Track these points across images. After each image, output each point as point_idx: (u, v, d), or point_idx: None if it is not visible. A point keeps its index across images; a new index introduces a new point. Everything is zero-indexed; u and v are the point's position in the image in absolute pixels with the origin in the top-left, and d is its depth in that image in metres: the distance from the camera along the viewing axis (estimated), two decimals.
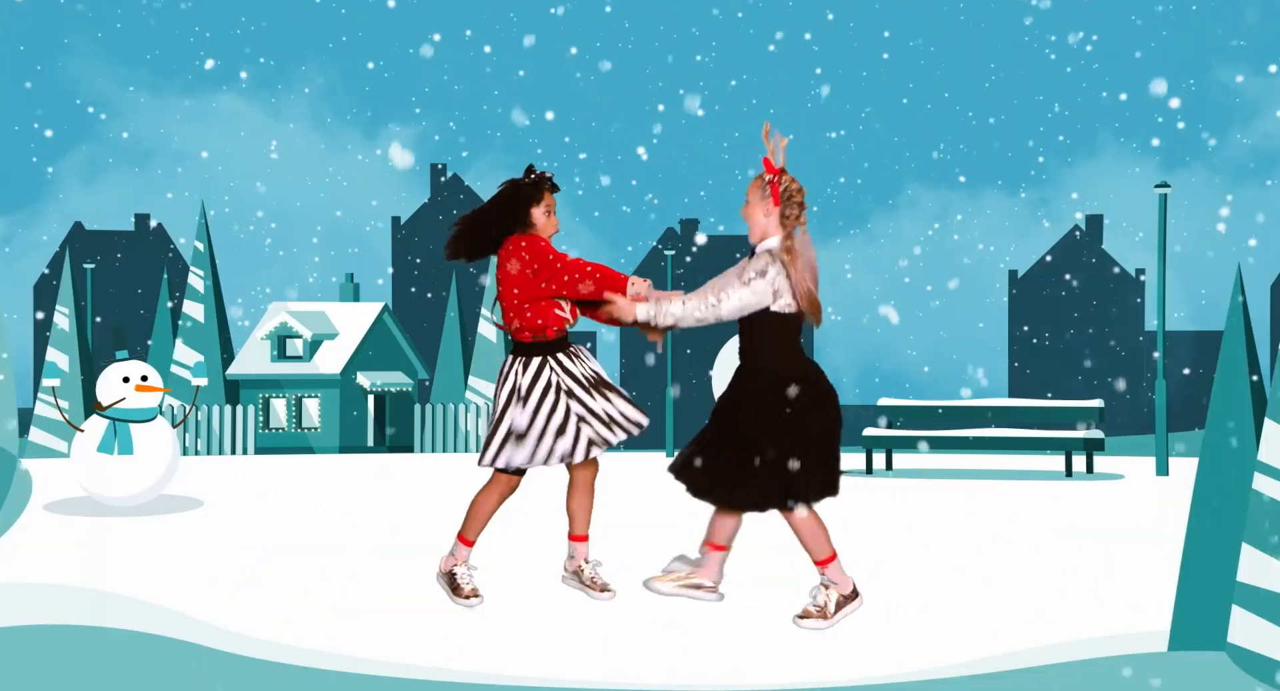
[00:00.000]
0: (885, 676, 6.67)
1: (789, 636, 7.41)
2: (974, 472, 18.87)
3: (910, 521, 13.02)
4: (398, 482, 18.16)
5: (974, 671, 6.78)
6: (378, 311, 32.52)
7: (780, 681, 6.59)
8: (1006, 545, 11.26)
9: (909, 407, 19.25)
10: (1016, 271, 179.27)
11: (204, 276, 31.53)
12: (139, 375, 13.50)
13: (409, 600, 8.58)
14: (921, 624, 7.87)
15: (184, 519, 13.04)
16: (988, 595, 8.81)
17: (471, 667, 6.80)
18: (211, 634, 7.59)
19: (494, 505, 7.77)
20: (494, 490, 7.74)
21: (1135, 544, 11.33)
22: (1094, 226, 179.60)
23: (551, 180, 7.70)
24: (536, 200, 7.63)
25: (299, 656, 7.06)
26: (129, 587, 9.01)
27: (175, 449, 13.69)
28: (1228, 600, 6.72)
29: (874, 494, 15.94)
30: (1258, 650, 6.46)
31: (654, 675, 6.67)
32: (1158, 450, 20.04)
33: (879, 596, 8.74)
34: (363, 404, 31.94)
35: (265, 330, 31.89)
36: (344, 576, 9.58)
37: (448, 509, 14.41)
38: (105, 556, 10.53)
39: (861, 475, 18.81)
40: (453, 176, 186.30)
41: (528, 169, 7.70)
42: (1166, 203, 21.30)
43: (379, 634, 7.59)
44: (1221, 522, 6.85)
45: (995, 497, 15.32)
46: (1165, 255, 21.22)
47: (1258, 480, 6.53)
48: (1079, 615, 8.10)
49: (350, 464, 22.51)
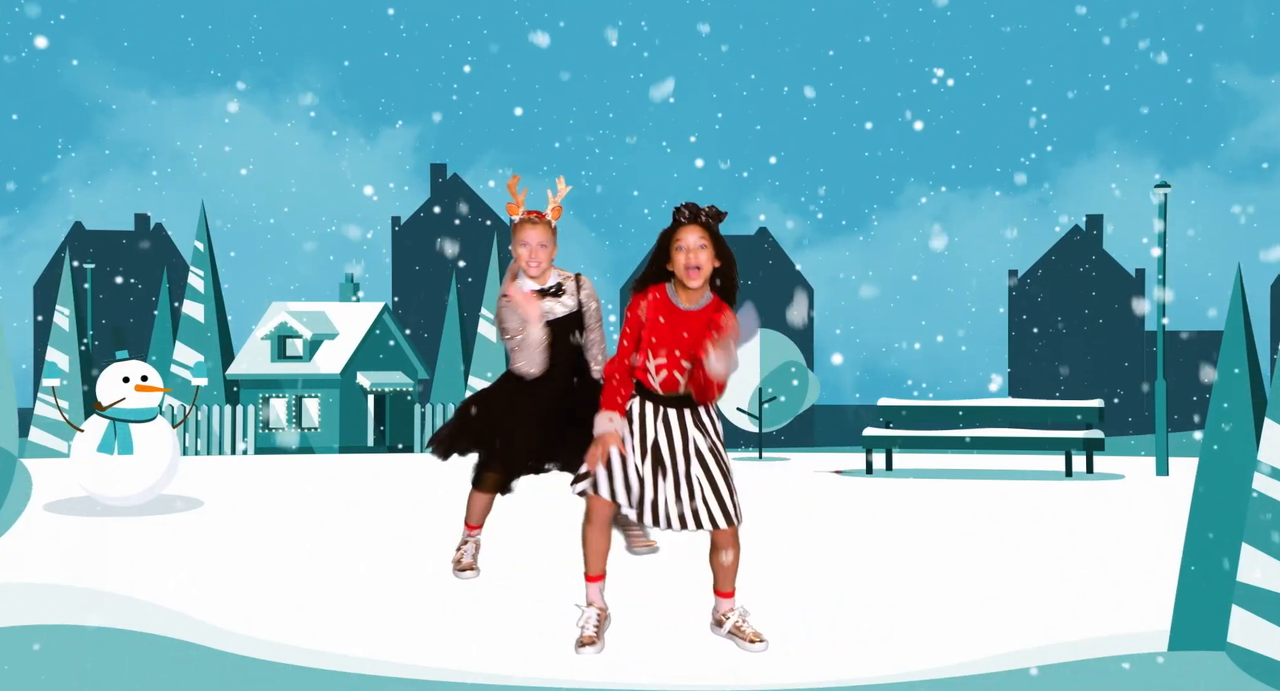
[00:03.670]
0: (885, 676, 6.67)
1: (789, 636, 7.41)
2: (974, 472, 18.87)
3: (910, 521, 13.03)
4: (397, 483, 18.16)
5: (974, 671, 6.78)
6: (378, 311, 32.53)
7: (780, 681, 6.59)
8: (1006, 545, 11.25)
9: (909, 407, 19.26)
10: (1016, 271, 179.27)
11: (204, 276, 31.53)
12: (139, 375, 13.50)
13: (409, 600, 8.58)
14: (921, 624, 7.87)
15: (184, 519, 13.04)
16: (987, 595, 8.81)
17: (472, 667, 6.80)
18: (211, 634, 7.59)
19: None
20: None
21: (1135, 544, 11.33)
22: (1094, 226, 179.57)
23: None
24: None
25: (298, 656, 7.06)
26: (129, 587, 9.01)
27: (175, 449, 13.69)
28: (1228, 600, 6.72)
29: (874, 494, 15.94)
30: (1258, 650, 6.46)
31: (654, 675, 6.68)
32: (1158, 450, 20.04)
33: (879, 596, 8.75)
34: (363, 404, 31.95)
35: (265, 330, 31.89)
36: (343, 576, 9.58)
37: (447, 509, 14.41)
38: (105, 556, 10.53)
39: (861, 475, 18.82)
40: (452, 176, 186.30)
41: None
42: (1167, 202, 21.30)
43: (379, 634, 7.59)
44: (1221, 522, 6.85)
45: (995, 497, 15.32)
46: (1165, 255, 21.22)
47: (1258, 480, 6.53)
48: (1079, 615, 8.10)
49: (350, 464, 22.51)
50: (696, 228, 6.93)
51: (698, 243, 6.91)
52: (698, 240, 6.91)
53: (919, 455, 22.27)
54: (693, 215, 6.95)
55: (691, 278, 6.90)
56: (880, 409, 19.35)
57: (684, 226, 6.94)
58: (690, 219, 6.94)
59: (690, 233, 6.92)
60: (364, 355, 32.06)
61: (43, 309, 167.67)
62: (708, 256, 6.92)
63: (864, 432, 19.30)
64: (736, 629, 7.20)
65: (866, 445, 19.14)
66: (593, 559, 7.18)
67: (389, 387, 32.13)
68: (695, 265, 6.89)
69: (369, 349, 32.18)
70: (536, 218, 7.81)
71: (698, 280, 6.91)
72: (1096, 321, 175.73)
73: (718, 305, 7.00)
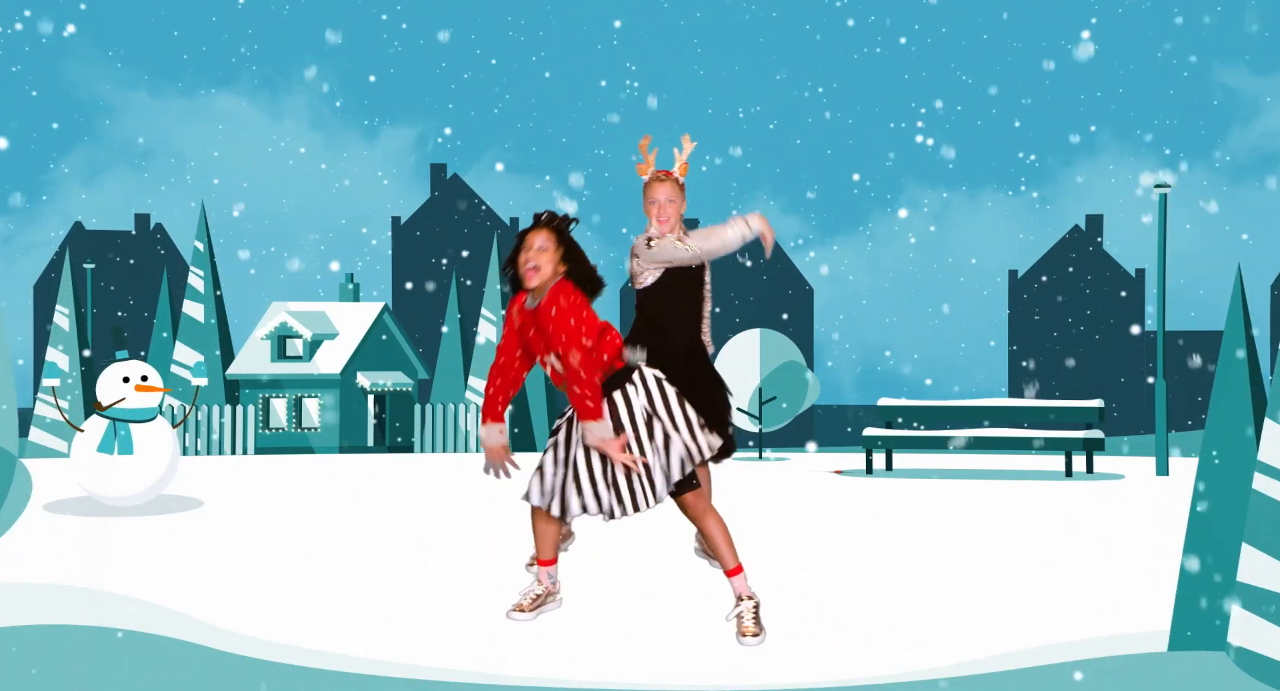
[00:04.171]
0: (885, 676, 6.67)
1: (789, 636, 7.41)
2: (974, 472, 18.87)
3: (910, 521, 13.02)
4: (397, 483, 18.16)
5: (974, 671, 6.78)
6: (378, 311, 32.50)
7: (780, 681, 6.59)
8: (1006, 545, 11.25)
9: (909, 407, 19.25)
10: (1016, 271, 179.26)
11: (204, 276, 31.51)
12: (139, 375, 13.49)
13: (409, 600, 8.59)
14: (921, 624, 7.87)
15: (184, 519, 13.04)
16: (987, 595, 8.80)
17: (472, 667, 6.80)
18: (211, 634, 7.59)
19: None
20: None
21: (1135, 544, 11.33)
22: (1094, 226, 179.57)
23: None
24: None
25: (298, 656, 7.06)
26: (129, 587, 9.01)
27: (175, 449, 13.69)
28: (1228, 600, 6.72)
29: (874, 494, 15.94)
30: (1258, 650, 6.46)
31: (654, 675, 6.68)
32: (1158, 450, 20.03)
33: (879, 596, 8.75)
34: (363, 404, 31.94)
35: (265, 330, 31.87)
36: (344, 576, 9.58)
37: (447, 509, 14.42)
38: (105, 556, 10.53)
39: (861, 475, 18.82)
40: (453, 176, 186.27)
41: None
42: (1166, 202, 21.30)
43: (379, 634, 7.59)
44: (1221, 523, 6.85)
45: (995, 498, 15.32)
46: (1165, 255, 21.22)
47: (1258, 480, 6.53)
48: (1079, 615, 8.10)
49: (350, 464, 22.51)
50: (542, 231, 7.27)
51: (540, 245, 7.23)
52: (541, 243, 7.23)
53: (919, 455, 22.26)
54: (543, 219, 7.31)
55: (529, 278, 7.23)
56: (880, 409, 19.34)
57: (530, 230, 7.31)
58: (543, 222, 7.30)
59: (536, 236, 7.25)
60: (364, 355, 32.04)
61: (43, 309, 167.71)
62: (548, 258, 7.21)
63: (864, 432, 19.30)
64: (738, 620, 7.33)
65: (866, 445, 19.13)
66: (542, 545, 7.51)
67: (389, 388, 32.12)
68: (534, 265, 7.21)
69: (369, 349, 32.16)
70: (664, 175, 7.86)
71: (534, 280, 7.21)
72: (1096, 321, 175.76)
73: (550, 297, 7.19)
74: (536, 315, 7.22)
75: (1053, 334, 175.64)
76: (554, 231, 7.25)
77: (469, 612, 8.08)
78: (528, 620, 7.59)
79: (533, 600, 7.63)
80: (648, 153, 7.92)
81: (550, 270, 7.22)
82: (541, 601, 7.65)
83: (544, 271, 7.20)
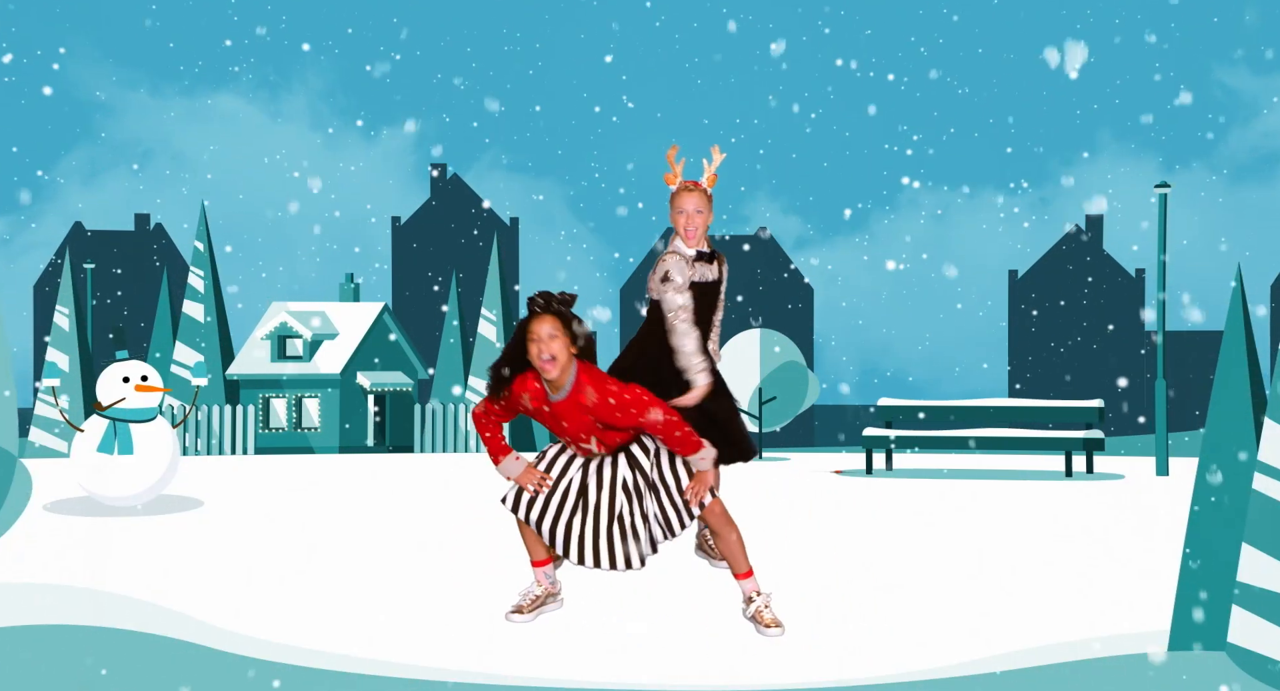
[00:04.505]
0: (885, 676, 6.67)
1: (789, 636, 7.42)
2: (974, 472, 18.86)
3: (910, 521, 13.03)
4: (397, 483, 18.16)
5: (974, 671, 6.78)
6: (378, 311, 32.51)
7: (780, 681, 6.59)
8: (1006, 545, 11.25)
9: (909, 407, 19.25)
10: (1016, 271, 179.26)
11: (204, 276, 31.51)
12: (139, 375, 13.49)
13: (409, 600, 8.59)
14: (922, 624, 7.87)
15: (184, 519, 13.04)
16: (988, 595, 8.80)
17: (472, 667, 6.80)
18: (211, 634, 7.59)
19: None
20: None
21: (1135, 544, 11.33)
22: (1094, 226, 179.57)
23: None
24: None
25: (298, 656, 7.06)
26: (129, 587, 9.01)
27: (175, 449, 13.69)
28: (1228, 600, 6.72)
29: (874, 494, 15.94)
30: (1258, 650, 6.46)
31: (654, 675, 6.68)
32: (1158, 450, 20.04)
33: (879, 596, 8.74)
34: (363, 404, 31.94)
35: (265, 330, 31.88)
36: (343, 576, 9.58)
37: (447, 509, 14.41)
38: (105, 556, 10.53)
39: (861, 475, 18.82)
40: (452, 176, 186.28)
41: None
42: (1166, 202, 21.30)
43: (379, 634, 7.59)
44: (1221, 522, 6.85)
45: (995, 497, 15.32)
46: (1165, 255, 21.22)
47: (1258, 480, 6.53)
48: (1079, 615, 8.10)
49: (350, 464, 22.51)
50: (546, 319, 7.03)
51: (549, 333, 7.00)
52: (549, 330, 7.00)
53: (919, 455, 22.26)
54: (544, 305, 7.05)
55: (547, 370, 7.01)
56: (880, 409, 19.34)
57: (533, 319, 7.05)
58: (543, 308, 7.05)
59: (541, 325, 7.02)
60: (364, 355, 32.04)
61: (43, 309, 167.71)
62: (560, 346, 7.02)
63: (864, 433, 19.29)
64: (757, 614, 7.42)
65: (866, 445, 19.13)
66: (532, 546, 7.56)
67: (389, 388, 32.12)
68: (549, 357, 7.00)
69: (369, 349, 32.17)
70: (693, 186, 7.83)
71: (553, 371, 7.01)
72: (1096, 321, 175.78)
73: (579, 386, 7.07)
74: (582, 408, 7.08)
75: (1052, 334, 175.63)
76: (558, 317, 7.05)
77: (469, 612, 8.08)
78: (527, 622, 7.62)
79: (532, 601, 7.65)
80: (675, 163, 7.87)
81: (566, 357, 7.04)
82: (541, 602, 7.66)
83: (560, 360, 7.02)
